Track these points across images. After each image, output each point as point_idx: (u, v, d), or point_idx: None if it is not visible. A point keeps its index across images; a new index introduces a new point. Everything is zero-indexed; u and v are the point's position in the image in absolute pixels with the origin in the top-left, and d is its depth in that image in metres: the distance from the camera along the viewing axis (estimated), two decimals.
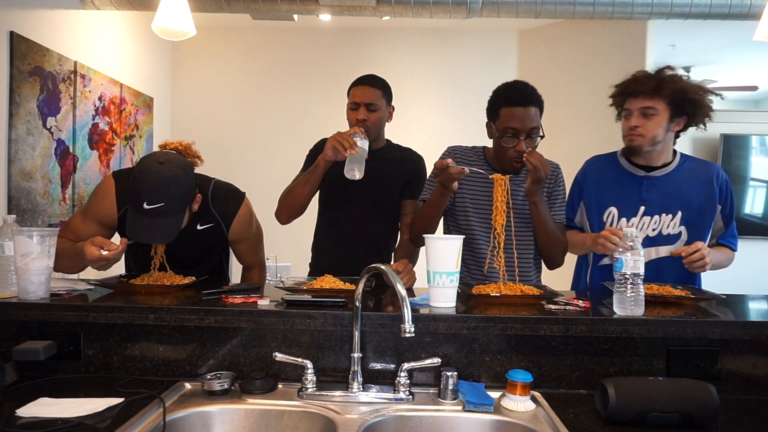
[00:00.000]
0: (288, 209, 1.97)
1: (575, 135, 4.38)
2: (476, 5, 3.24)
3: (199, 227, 1.72)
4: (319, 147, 2.00)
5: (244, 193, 1.83)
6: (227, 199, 1.78)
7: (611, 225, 1.82)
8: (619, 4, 3.19)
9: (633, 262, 1.31)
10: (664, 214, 1.76)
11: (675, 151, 1.85)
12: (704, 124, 1.80)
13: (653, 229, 1.77)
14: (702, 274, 1.80)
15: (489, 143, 1.95)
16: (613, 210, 1.82)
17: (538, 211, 1.74)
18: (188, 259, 1.78)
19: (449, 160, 1.56)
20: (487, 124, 1.83)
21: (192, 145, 1.70)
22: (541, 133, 1.73)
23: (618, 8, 3.21)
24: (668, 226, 1.75)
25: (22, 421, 1.08)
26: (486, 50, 4.93)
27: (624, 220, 1.80)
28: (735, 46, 5.14)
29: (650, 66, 4.25)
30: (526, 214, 1.81)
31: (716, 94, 1.78)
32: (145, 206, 1.47)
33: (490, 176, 1.66)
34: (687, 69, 5.94)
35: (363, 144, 1.82)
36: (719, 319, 1.35)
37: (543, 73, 4.50)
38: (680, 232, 1.75)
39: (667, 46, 5.17)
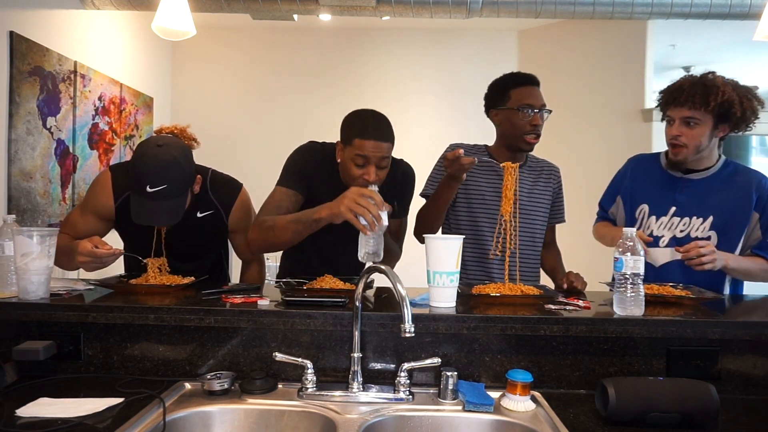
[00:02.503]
0: (266, 245, 1.63)
1: (575, 135, 4.38)
2: (476, 5, 3.24)
3: (199, 215, 1.73)
4: (306, 157, 1.72)
5: (242, 183, 1.84)
6: (225, 186, 1.79)
7: (642, 221, 1.82)
8: (619, 4, 3.19)
9: (633, 262, 1.31)
10: (695, 217, 1.74)
11: (720, 156, 1.81)
12: (746, 129, 1.76)
13: (681, 231, 1.75)
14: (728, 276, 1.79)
15: (489, 140, 1.96)
16: (645, 207, 1.81)
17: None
18: (189, 249, 1.78)
19: (461, 151, 1.56)
20: (492, 112, 1.89)
21: (187, 128, 1.71)
22: (549, 109, 1.84)
23: (618, 8, 3.21)
24: (697, 230, 1.73)
25: (22, 421, 1.08)
26: (486, 50, 4.93)
27: (653, 218, 1.79)
28: (735, 46, 5.14)
29: (650, 65, 4.26)
30: (533, 205, 1.88)
31: (761, 101, 1.74)
32: (149, 189, 1.49)
33: (501, 165, 1.67)
34: (687, 69, 5.94)
35: (385, 217, 1.43)
36: (719, 319, 1.35)
37: (543, 73, 4.48)
38: (709, 237, 1.73)
39: (667, 46, 5.18)
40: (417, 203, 1.87)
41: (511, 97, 1.83)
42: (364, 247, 1.45)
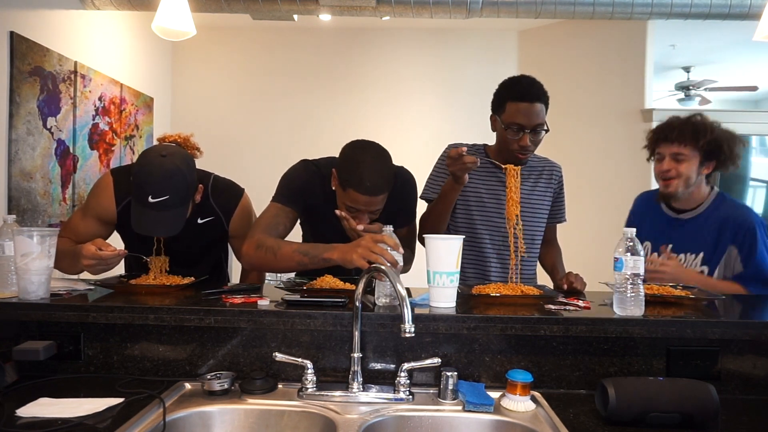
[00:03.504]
0: (261, 265, 1.58)
1: (575, 135, 4.38)
2: (476, 5, 3.24)
3: (199, 221, 1.73)
4: (303, 176, 1.68)
5: (243, 188, 1.84)
6: (227, 192, 1.79)
7: (646, 257, 1.88)
8: (619, 4, 3.19)
9: (633, 262, 1.31)
10: (689, 254, 1.82)
11: (713, 189, 1.87)
12: (727, 170, 1.85)
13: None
14: None
15: (489, 141, 1.96)
16: (648, 244, 1.92)
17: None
18: (189, 254, 1.78)
19: (464, 149, 1.54)
20: (491, 117, 1.84)
21: (191, 137, 1.71)
22: (545, 128, 1.75)
23: (618, 8, 3.21)
24: (691, 264, 1.81)
25: (22, 421, 1.08)
26: (486, 50, 4.93)
27: (656, 254, 1.87)
28: (735, 46, 5.14)
29: (650, 65, 4.26)
30: (533, 205, 1.87)
31: (745, 143, 1.84)
32: (150, 200, 1.49)
33: (504, 167, 1.67)
34: (687, 69, 5.94)
35: (400, 258, 1.41)
36: (719, 319, 1.35)
37: (543, 73, 4.48)
38: (703, 271, 1.80)
39: (667, 46, 5.18)
40: (419, 207, 1.87)
41: (506, 110, 1.73)
42: (382, 290, 1.40)
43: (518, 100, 1.71)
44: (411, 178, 1.79)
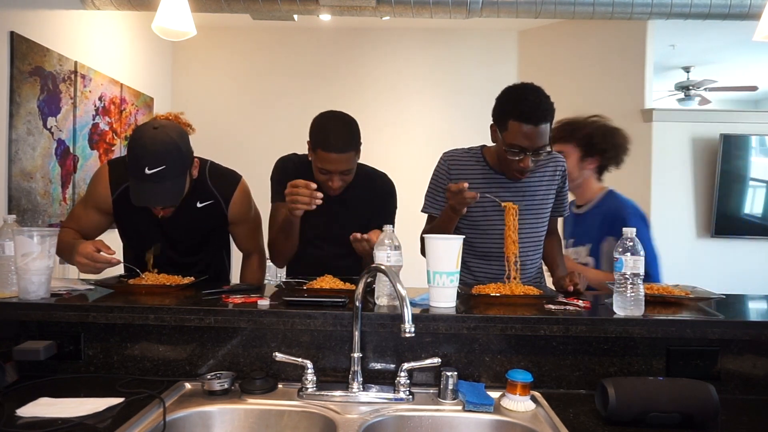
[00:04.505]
0: (281, 258, 1.88)
1: None
2: (476, 5, 3.24)
3: (199, 205, 1.74)
4: (285, 168, 1.88)
5: (241, 175, 1.85)
6: (225, 177, 1.80)
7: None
8: (619, 4, 3.19)
9: (633, 262, 1.31)
10: (581, 246, 2.01)
11: (605, 188, 2.05)
12: (617, 163, 2.07)
13: (574, 258, 2.03)
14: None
15: (489, 142, 1.94)
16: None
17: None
18: (189, 240, 1.79)
19: (465, 184, 1.54)
20: (492, 127, 1.74)
21: (181, 115, 1.72)
22: (548, 149, 1.66)
23: (618, 8, 3.21)
24: (583, 257, 1.99)
25: (22, 421, 1.08)
26: (486, 50, 4.93)
27: (570, 248, 2.11)
28: (735, 46, 5.14)
29: (650, 66, 4.26)
30: (538, 202, 1.82)
31: (625, 135, 2.05)
32: (147, 171, 1.49)
33: (503, 205, 1.65)
34: (687, 69, 5.94)
35: (400, 259, 1.44)
36: (719, 319, 1.35)
37: (543, 73, 4.50)
38: (587, 263, 1.98)
39: (667, 46, 5.18)
40: (419, 215, 1.87)
41: (508, 129, 1.63)
42: (382, 290, 1.40)
43: (522, 120, 1.59)
44: (391, 184, 1.94)
